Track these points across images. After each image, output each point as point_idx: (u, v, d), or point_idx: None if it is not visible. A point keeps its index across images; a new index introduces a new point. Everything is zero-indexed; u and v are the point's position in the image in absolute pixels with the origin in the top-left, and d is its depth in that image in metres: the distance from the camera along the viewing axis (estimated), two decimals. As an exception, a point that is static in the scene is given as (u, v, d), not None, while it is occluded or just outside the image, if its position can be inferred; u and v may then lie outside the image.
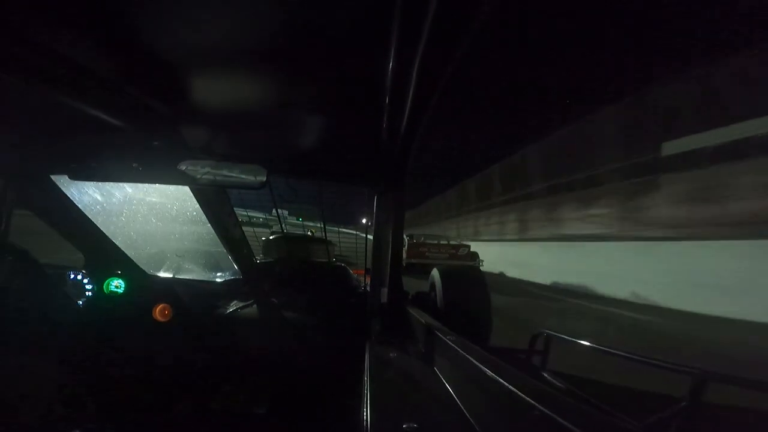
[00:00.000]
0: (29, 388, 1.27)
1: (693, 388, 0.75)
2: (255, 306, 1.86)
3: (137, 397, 1.44)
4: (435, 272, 2.15)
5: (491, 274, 12.07)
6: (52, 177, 1.50)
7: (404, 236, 10.00)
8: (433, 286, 2.16)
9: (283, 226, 3.16)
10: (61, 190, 1.52)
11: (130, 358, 1.52)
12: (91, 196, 1.62)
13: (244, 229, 2.18)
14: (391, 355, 1.15)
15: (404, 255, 11.30)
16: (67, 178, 1.39)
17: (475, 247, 13.27)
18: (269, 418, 1.46)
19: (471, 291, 1.99)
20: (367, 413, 0.74)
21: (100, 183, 1.55)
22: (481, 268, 12.07)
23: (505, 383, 0.66)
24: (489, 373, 0.73)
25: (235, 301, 1.86)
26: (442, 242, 13.09)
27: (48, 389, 1.31)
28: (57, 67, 0.80)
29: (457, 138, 12.77)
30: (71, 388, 1.37)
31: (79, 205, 1.59)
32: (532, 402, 0.58)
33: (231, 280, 2.15)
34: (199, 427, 1.40)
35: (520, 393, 0.61)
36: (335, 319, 1.82)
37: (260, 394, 1.52)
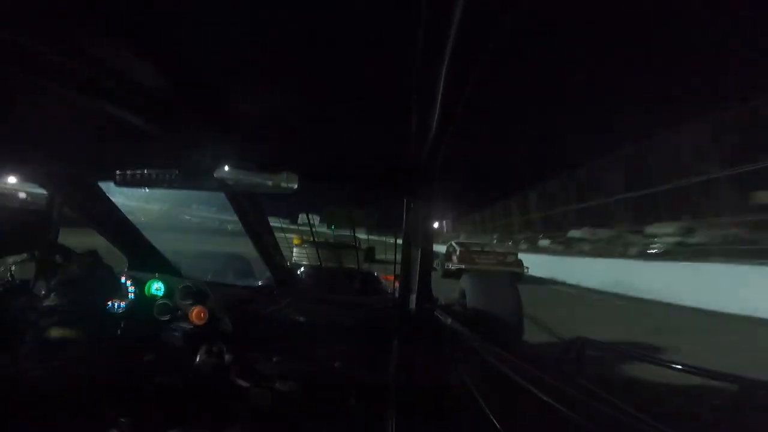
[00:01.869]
0: (70, 388, 1.33)
1: (736, 397, 0.72)
2: (284, 311, 1.89)
3: (170, 398, 1.48)
4: (465, 278, 2.12)
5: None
6: (100, 184, 1.60)
7: (455, 244, 12.29)
8: (463, 292, 2.13)
9: (313, 232, 3.21)
10: (108, 197, 1.61)
11: (167, 359, 1.58)
12: (136, 202, 1.71)
13: (276, 235, 2.24)
14: (418, 362, 1.15)
15: (456, 261, 12.02)
16: (112, 184, 1.47)
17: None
18: (295, 422, 1.47)
19: (501, 297, 1.96)
20: (393, 421, 0.74)
21: (143, 190, 1.63)
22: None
23: (537, 392, 0.65)
24: (520, 381, 0.71)
25: (266, 306, 1.90)
26: (493, 249, 13.79)
27: (87, 386, 1.38)
28: (104, 79, 0.85)
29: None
30: (107, 386, 1.43)
31: (124, 211, 1.68)
32: (567, 411, 0.57)
33: (263, 284, 2.20)
34: (225, 429, 1.43)
35: (553, 402, 0.60)
36: (364, 325, 1.83)
37: (287, 398, 1.54)
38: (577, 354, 1.23)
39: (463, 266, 11.42)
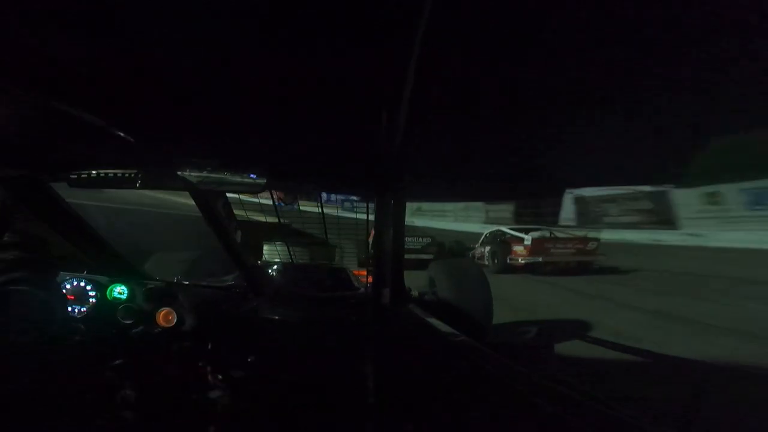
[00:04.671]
0: (31, 397, 1.27)
1: (697, 383, 0.76)
2: (256, 309, 1.86)
3: (141, 403, 1.44)
4: (433, 266, 2.15)
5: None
6: (53, 185, 1.51)
7: (510, 230, 10.77)
8: (432, 281, 2.15)
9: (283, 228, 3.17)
10: (63, 198, 1.52)
11: (134, 363, 1.52)
12: (93, 203, 1.63)
13: (245, 232, 2.19)
14: (393, 356, 1.16)
15: (525, 252, 9.53)
16: (67, 185, 1.39)
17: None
18: (270, 424, 1.46)
19: (470, 285, 1.99)
20: (371, 416, 0.75)
21: (102, 190, 1.56)
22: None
23: (510, 382, 0.67)
24: (494, 371, 0.73)
25: (237, 305, 1.86)
26: (568, 235, 10.87)
27: (51, 397, 1.32)
28: (56, 74, 0.80)
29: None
30: (75, 394, 1.37)
31: (81, 212, 1.60)
32: (539, 400, 0.59)
33: (233, 283, 2.15)
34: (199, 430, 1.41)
35: (525, 391, 0.62)
36: (337, 322, 1.82)
37: (261, 399, 1.53)
38: (546, 341, 1.27)
39: (539, 259, 9.13)
